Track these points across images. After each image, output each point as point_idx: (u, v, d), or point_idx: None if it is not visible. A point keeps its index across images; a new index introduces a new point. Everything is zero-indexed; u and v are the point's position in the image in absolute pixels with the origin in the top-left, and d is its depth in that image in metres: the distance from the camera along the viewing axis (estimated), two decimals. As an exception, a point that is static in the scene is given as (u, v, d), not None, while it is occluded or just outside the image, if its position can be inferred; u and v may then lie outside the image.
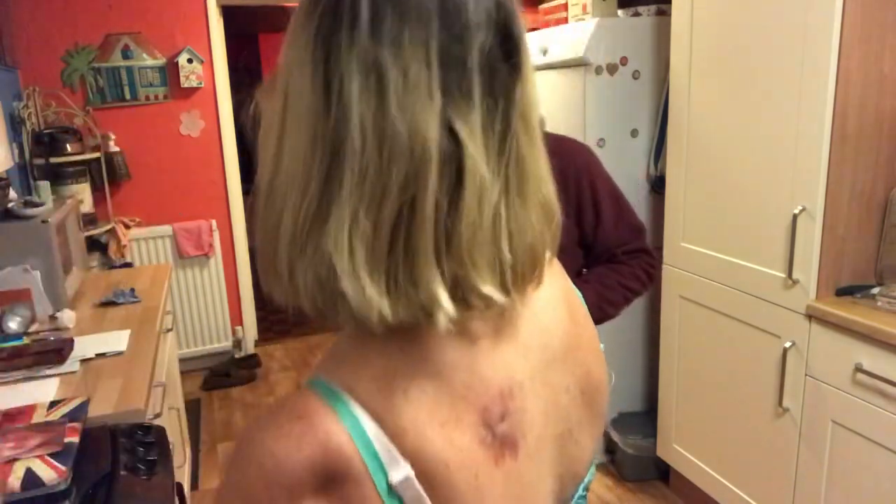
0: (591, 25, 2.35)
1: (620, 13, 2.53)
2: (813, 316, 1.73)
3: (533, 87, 0.49)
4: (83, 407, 1.37)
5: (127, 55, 3.35)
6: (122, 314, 2.07)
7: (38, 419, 1.32)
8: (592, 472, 0.64)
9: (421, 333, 0.49)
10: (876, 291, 1.69)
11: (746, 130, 1.90)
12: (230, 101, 3.64)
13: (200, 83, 3.45)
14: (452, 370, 0.49)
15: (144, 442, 1.33)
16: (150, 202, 3.49)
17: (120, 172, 3.34)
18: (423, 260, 0.45)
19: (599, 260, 1.50)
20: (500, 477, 0.50)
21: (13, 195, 2.39)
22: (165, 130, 3.47)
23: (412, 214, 0.44)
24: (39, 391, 1.52)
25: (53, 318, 1.96)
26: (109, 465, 1.24)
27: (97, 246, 3.28)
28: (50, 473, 1.13)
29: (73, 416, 1.33)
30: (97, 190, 3.31)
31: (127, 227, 3.41)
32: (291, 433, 0.45)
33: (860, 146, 1.68)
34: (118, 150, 3.33)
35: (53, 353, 1.66)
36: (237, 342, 3.81)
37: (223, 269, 3.69)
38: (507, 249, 0.48)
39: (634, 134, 2.46)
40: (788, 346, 1.81)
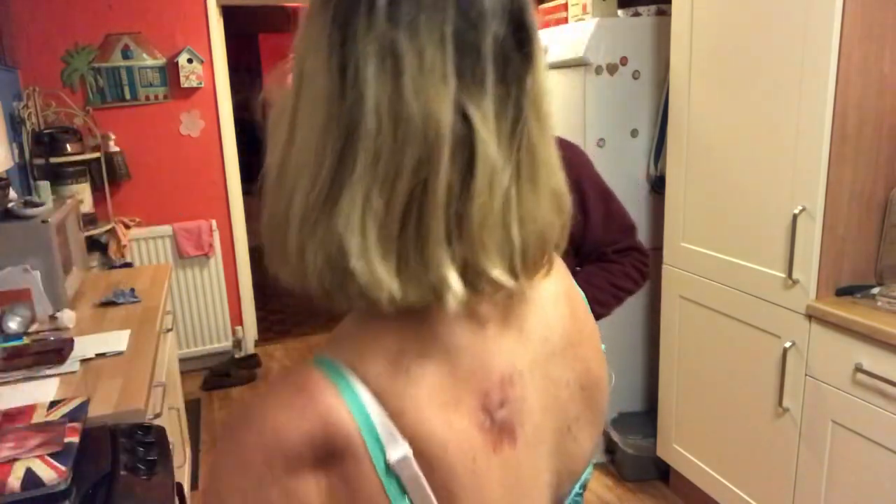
0: (591, 25, 2.35)
1: (620, 13, 2.53)
2: (813, 316, 1.73)
3: (545, 77, 0.50)
4: (83, 407, 1.37)
5: (127, 55, 3.35)
6: (122, 314, 2.07)
7: (38, 419, 1.32)
8: (590, 471, 0.65)
9: (429, 315, 0.49)
10: (876, 291, 1.69)
11: (746, 130, 1.90)
12: (230, 101, 3.64)
13: (200, 83, 3.45)
14: (458, 353, 0.50)
15: (144, 442, 1.33)
16: (150, 202, 3.49)
17: (120, 172, 3.33)
18: (433, 241, 0.45)
19: (589, 259, 1.50)
20: (497, 464, 0.50)
21: (13, 195, 2.39)
22: (165, 130, 3.47)
23: (424, 196, 0.45)
24: (39, 391, 1.52)
25: (53, 318, 1.96)
26: (109, 465, 1.24)
27: (97, 246, 3.27)
28: (50, 473, 1.13)
29: (73, 416, 1.33)
30: (97, 190, 3.30)
31: (127, 227, 3.41)
32: (293, 405, 0.45)
33: (860, 146, 1.68)
34: (118, 150, 3.33)
35: (53, 353, 1.66)
36: (237, 342, 3.81)
37: (223, 269, 3.68)
38: (516, 234, 0.48)
39: (634, 134, 2.46)
40: (788, 346, 1.81)
